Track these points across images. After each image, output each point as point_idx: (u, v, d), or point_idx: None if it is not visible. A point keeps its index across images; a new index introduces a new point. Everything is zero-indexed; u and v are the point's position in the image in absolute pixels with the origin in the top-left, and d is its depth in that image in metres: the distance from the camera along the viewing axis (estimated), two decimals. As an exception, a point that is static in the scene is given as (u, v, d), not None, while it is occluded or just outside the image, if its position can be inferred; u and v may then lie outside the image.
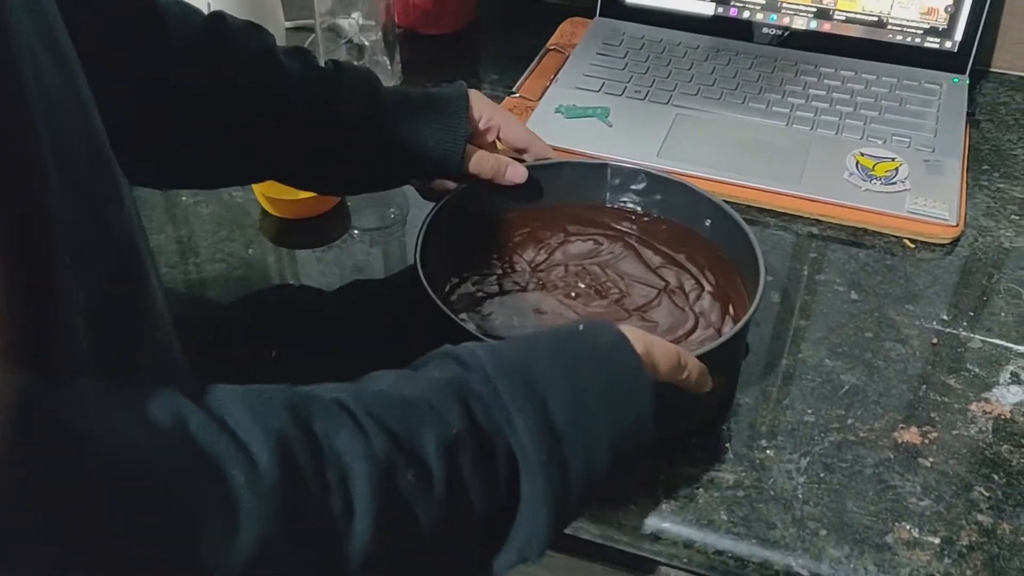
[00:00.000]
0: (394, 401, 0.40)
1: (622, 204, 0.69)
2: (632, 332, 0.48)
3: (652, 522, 0.52)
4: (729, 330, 0.57)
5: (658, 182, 0.68)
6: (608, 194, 0.69)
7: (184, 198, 0.76)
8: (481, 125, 0.65)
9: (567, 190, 0.69)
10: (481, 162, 0.64)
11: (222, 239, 0.72)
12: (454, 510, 0.39)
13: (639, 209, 0.69)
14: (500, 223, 0.68)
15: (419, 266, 0.58)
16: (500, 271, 0.65)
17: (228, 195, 0.76)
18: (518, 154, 0.69)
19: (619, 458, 0.45)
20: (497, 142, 0.68)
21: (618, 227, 0.68)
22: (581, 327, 0.47)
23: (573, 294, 0.63)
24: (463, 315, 0.60)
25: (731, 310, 0.61)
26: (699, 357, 0.51)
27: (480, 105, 0.65)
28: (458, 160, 0.63)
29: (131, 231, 0.41)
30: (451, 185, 0.66)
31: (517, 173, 0.65)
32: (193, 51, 0.57)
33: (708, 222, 0.65)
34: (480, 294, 0.63)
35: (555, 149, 0.72)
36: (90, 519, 0.30)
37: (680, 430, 0.56)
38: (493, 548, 0.42)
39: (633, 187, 0.69)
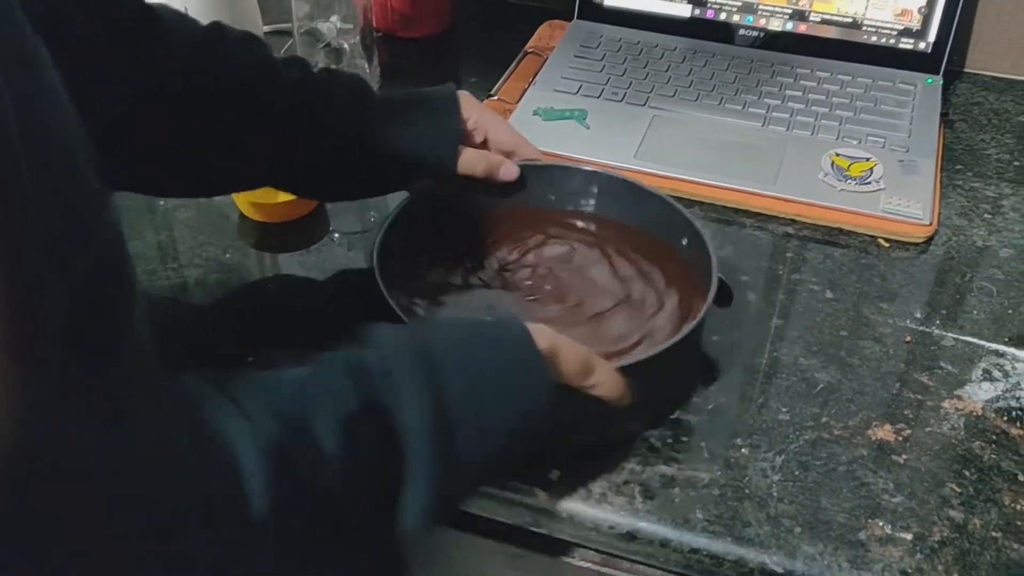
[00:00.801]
0: (288, 384, 0.42)
1: (605, 212, 0.69)
2: (539, 330, 0.48)
3: (628, 521, 0.53)
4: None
5: (643, 195, 0.67)
6: (594, 201, 0.69)
7: (163, 203, 0.76)
8: (470, 126, 0.66)
9: (552, 193, 0.69)
10: (474, 161, 0.65)
11: (201, 243, 0.72)
12: (355, 486, 0.41)
13: (622, 220, 0.69)
14: (482, 220, 0.68)
15: (375, 247, 0.59)
16: (469, 265, 0.65)
17: (207, 200, 0.76)
18: (507, 155, 0.69)
19: (510, 447, 0.46)
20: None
21: (596, 234, 0.69)
22: (489, 318, 0.49)
23: (532, 296, 0.63)
24: (417, 299, 0.61)
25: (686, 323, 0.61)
26: (619, 369, 0.51)
27: (469, 106, 0.65)
28: (452, 160, 0.64)
29: (113, 236, 0.41)
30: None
31: (510, 171, 0.66)
32: (192, 58, 0.58)
33: (685, 241, 0.65)
34: (442, 284, 0.63)
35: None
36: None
37: (602, 435, 0.56)
38: (391, 521, 0.43)
39: (617, 197, 0.69)
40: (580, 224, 0.69)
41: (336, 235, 0.74)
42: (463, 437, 0.44)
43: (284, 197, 0.73)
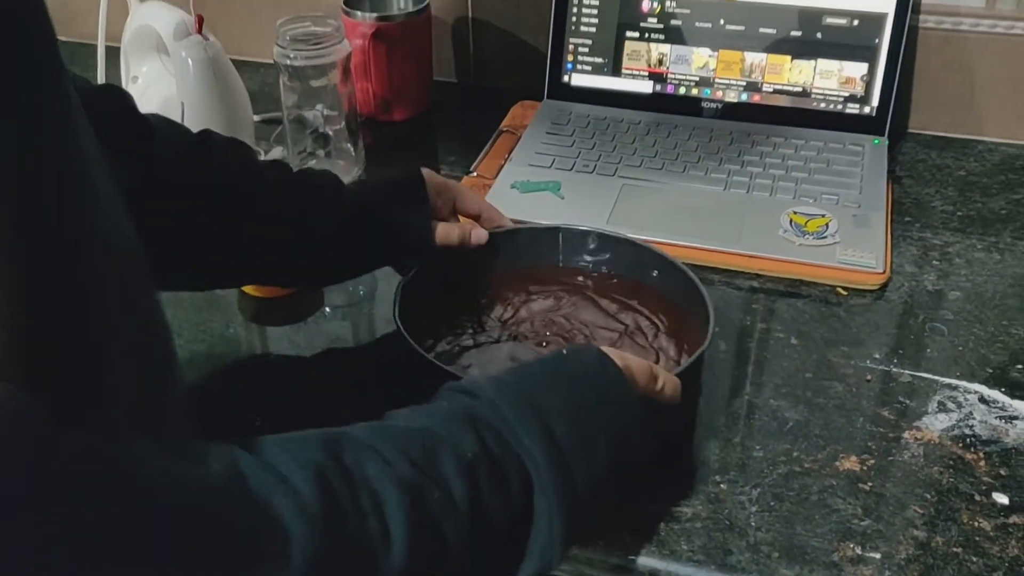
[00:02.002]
0: (411, 432, 0.44)
1: (575, 263, 0.75)
2: (609, 350, 0.53)
3: (618, 555, 0.57)
4: (686, 360, 0.62)
5: (606, 240, 0.74)
6: (561, 255, 0.75)
7: (165, 284, 0.80)
8: (439, 201, 0.71)
9: (524, 253, 0.75)
10: (448, 232, 0.70)
11: (203, 320, 0.77)
12: (477, 526, 0.44)
13: (590, 267, 0.75)
14: (466, 289, 0.73)
15: (400, 326, 0.63)
16: (472, 329, 0.70)
17: (207, 279, 0.80)
18: (474, 220, 0.75)
19: (617, 463, 0.50)
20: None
21: (574, 282, 0.74)
22: (565, 351, 0.53)
23: (543, 343, 0.68)
24: (449, 368, 0.65)
25: (686, 347, 0.66)
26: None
27: (434, 182, 0.71)
28: (429, 235, 0.69)
29: (159, 311, 0.46)
30: None
31: (481, 235, 0.72)
32: (181, 163, 0.62)
33: (655, 273, 0.71)
34: (456, 349, 0.68)
35: (514, 221, 0.78)
36: (153, 559, 0.34)
37: (650, 450, 0.60)
38: (516, 559, 0.47)
39: (584, 247, 0.75)
40: (556, 277, 0.75)
41: (327, 309, 0.79)
42: (580, 468, 0.47)
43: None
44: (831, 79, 0.96)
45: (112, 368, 0.38)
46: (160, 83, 0.97)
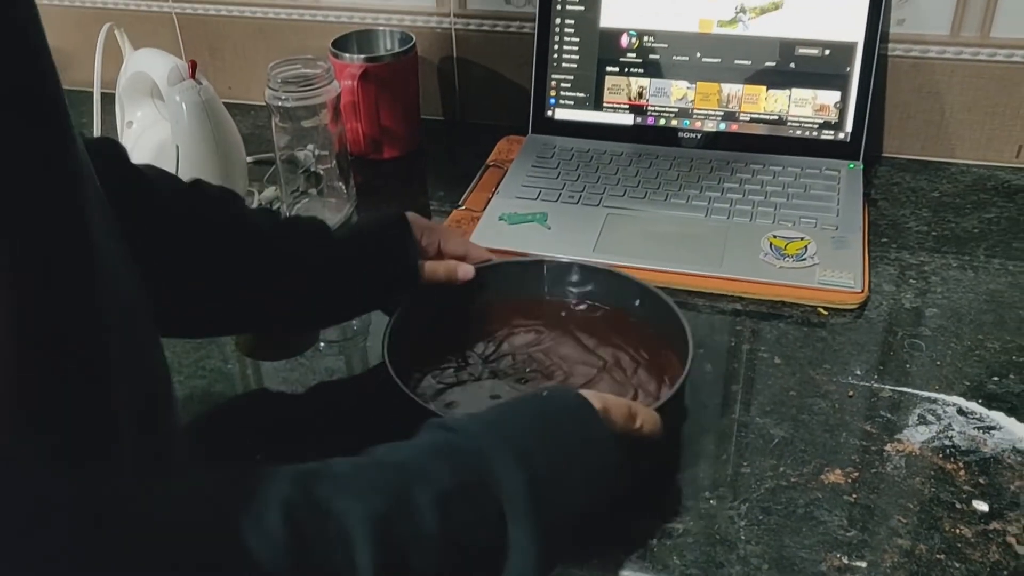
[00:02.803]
0: (387, 466, 0.46)
1: (560, 295, 0.77)
2: (588, 392, 0.56)
3: (611, 573, 0.58)
4: (665, 394, 0.64)
5: (589, 272, 0.76)
6: (546, 287, 0.77)
7: (164, 323, 0.82)
8: (424, 242, 0.73)
9: (510, 287, 0.77)
10: (435, 270, 0.72)
11: (202, 357, 0.78)
12: (449, 556, 0.45)
13: (575, 299, 0.77)
14: (451, 324, 0.75)
15: (389, 366, 0.65)
16: (455, 365, 0.71)
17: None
18: (459, 260, 0.76)
19: (592, 501, 0.52)
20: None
21: (557, 316, 0.76)
22: (545, 392, 0.55)
23: (523, 380, 0.70)
24: (430, 405, 0.67)
25: (666, 379, 0.68)
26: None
27: (419, 224, 0.73)
28: (416, 273, 0.71)
29: (162, 361, 0.48)
30: None
31: (468, 272, 0.73)
32: (175, 214, 0.64)
33: (637, 302, 0.73)
34: (440, 386, 0.69)
35: (502, 252, 0.80)
36: None
37: (626, 487, 0.62)
38: None
39: (567, 279, 0.77)
40: (540, 310, 0.76)
41: (322, 344, 0.81)
42: (555, 503, 0.49)
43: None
44: (806, 107, 0.99)
45: (117, 411, 0.40)
46: (154, 127, 0.99)
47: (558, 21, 1.03)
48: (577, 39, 1.03)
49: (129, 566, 0.36)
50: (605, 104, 1.04)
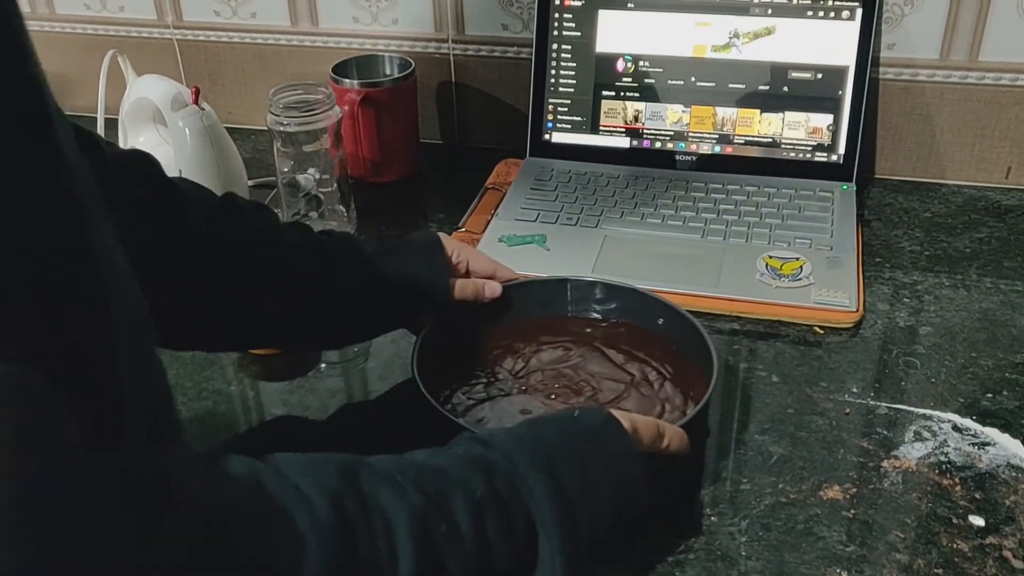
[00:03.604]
0: (427, 469, 0.48)
1: (583, 313, 0.78)
2: (617, 412, 0.57)
3: (617, 589, 0.59)
4: (692, 410, 0.65)
5: (613, 291, 0.77)
6: (570, 306, 0.78)
7: (167, 345, 0.83)
8: (454, 260, 0.74)
9: (534, 305, 0.78)
10: (464, 288, 0.73)
11: (205, 379, 0.79)
12: (481, 562, 0.47)
13: (599, 316, 0.78)
14: (479, 341, 0.76)
15: (419, 383, 0.65)
16: (485, 380, 0.72)
17: (209, 339, 0.83)
18: (488, 279, 0.77)
19: (618, 518, 0.54)
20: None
21: (583, 333, 0.77)
22: (576, 413, 0.57)
23: (552, 395, 0.71)
24: (460, 420, 0.67)
25: (691, 393, 0.69)
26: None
27: (449, 244, 0.74)
28: (448, 290, 0.72)
29: (163, 374, 0.49)
30: None
31: (495, 289, 0.75)
32: (210, 227, 0.65)
33: (660, 321, 0.75)
34: (470, 402, 0.70)
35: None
36: (181, 564, 0.36)
37: (659, 498, 0.62)
38: None
39: (591, 297, 0.78)
40: (565, 327, 0.78)
41: (323, 365, 0.81)
42: (583, 519, 0.51)
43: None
44: (799, 130, 1.01)
45: (125, 428, 0.41)
46: (156, 152, 0.99)
47: (555, 46, 1.05)
48: (573, 64, 1.05)
49: (178, 548, 0.37)
50: (601, 128, 1.05)
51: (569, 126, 1.06)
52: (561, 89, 1.06)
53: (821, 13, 0.97)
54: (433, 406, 0.63)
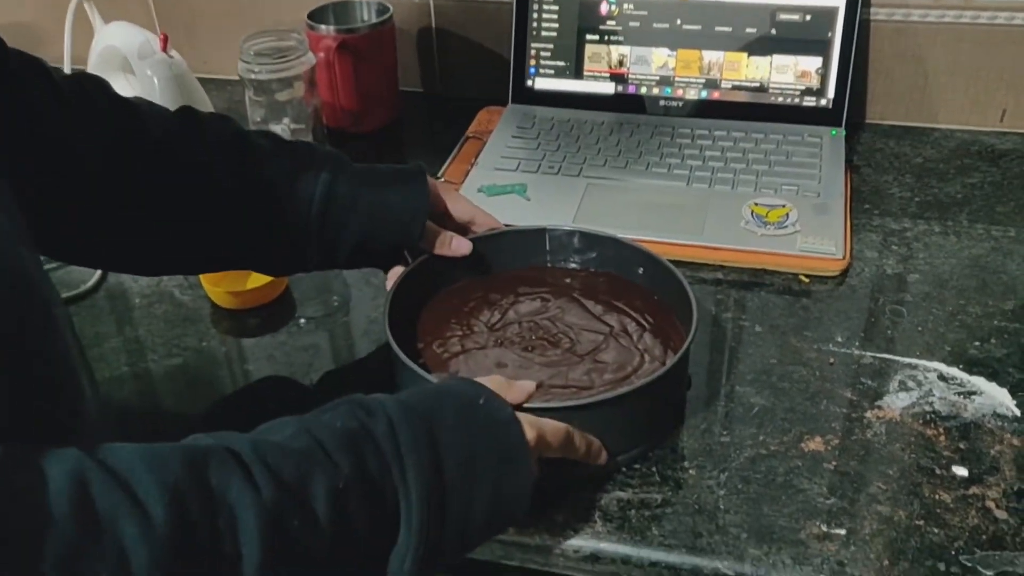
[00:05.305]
0: (288, 452, 0.44)
1: (562, 263, 0.76)
2: (525, 417, 0.54)
3: (590, 544, 0.58)
4: (671, 360, 0.64)
5: (592, 240, 0.75)
6: (548, 256, 0.76)
7: (137, 300, 0.81)
8: (432, 197, 0.71)
9: (511, 256, 0.76)
10: (430, 236, 0.71)
11: (177, 335, 0.77)
12: (342, 546, 0.44)
13: (577, 266, 0.76)
14: (455, 292, 0.74)
15: (390, 336, 0.63)
16: (460, 333, 0.70)
17: (180, 293, 0.82)
18: (467, 226, 0.75)
19: (491, 524, 0.52)
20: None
21: (561, 283, 0.75)
22: (482, 400, 0.53)
23: (529, 347, 0.69)
24: (432, 375, 0.66)
25: (671, 344, 0.68)
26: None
27: (431, 181, 0.71)
28: (421, 225, 0.68)
29: (59, 344, 0.46)
30: None
31: (461, 245, 0.71)
32: (172, 140, 0.63)
33: (641, 270, 0.73)
34: (445, 355, 0.68)
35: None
36: None
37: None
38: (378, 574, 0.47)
39: (570, 247, 0.76)
40: (543, 278, 0.76)
41: (302, 320, 0.80)
42: (453, 510, 0.48)
43: (253, 284, 0.79)
44: (787, 73, 0.98)
45: None
46: (127, 103, 0.97)
47: (536, -11, 1.01)
48: (556, 7, 1.01)
49: None
50: (586, 73, 1.02)
51: (552, 71, 1.03)
52: (544, 33, 1.02)
53: (811, -49, 0.94)
54: (403, 362, 0.61)
